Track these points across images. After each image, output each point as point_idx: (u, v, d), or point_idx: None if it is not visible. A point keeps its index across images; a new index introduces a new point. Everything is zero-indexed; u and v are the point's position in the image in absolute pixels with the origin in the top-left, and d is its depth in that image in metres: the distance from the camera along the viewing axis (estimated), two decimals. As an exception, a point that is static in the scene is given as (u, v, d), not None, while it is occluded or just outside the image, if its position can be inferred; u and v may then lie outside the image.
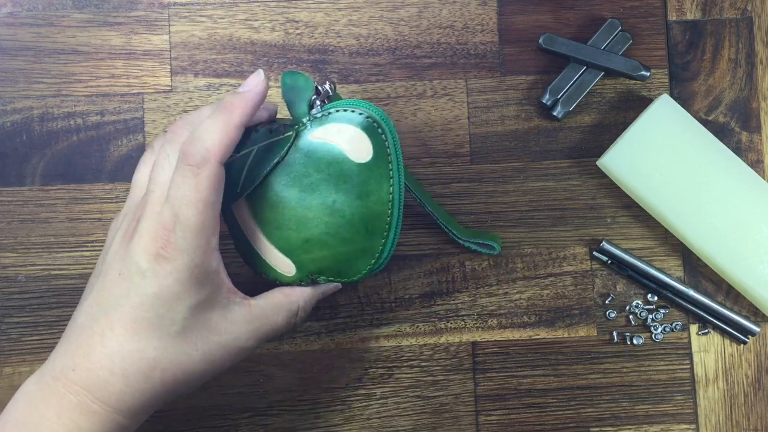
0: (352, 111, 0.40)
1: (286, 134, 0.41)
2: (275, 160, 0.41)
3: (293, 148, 0.41)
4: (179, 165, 0.37)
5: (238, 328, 0.40)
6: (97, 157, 0.51)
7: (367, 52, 0.52)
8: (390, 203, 0.41)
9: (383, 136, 0.41)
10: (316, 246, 0.41)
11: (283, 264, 0.42)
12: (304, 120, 0.41)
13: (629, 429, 0.51)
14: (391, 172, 0.41)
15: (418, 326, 0.51)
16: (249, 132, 0.41)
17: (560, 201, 0.51)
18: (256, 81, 0.39)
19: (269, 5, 0.52)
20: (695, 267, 0.51)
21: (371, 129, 0.40)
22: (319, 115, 0.41)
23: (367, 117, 0.40)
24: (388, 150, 0.41)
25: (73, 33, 0.51)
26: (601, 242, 0.51)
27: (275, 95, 0.51)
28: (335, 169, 0.40)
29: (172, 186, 0.37)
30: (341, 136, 0.40)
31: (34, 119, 0.51)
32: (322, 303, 0.50)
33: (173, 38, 0.51)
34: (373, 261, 0.42)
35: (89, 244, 0.50)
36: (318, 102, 0.41)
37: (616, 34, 0.51)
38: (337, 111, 0.40)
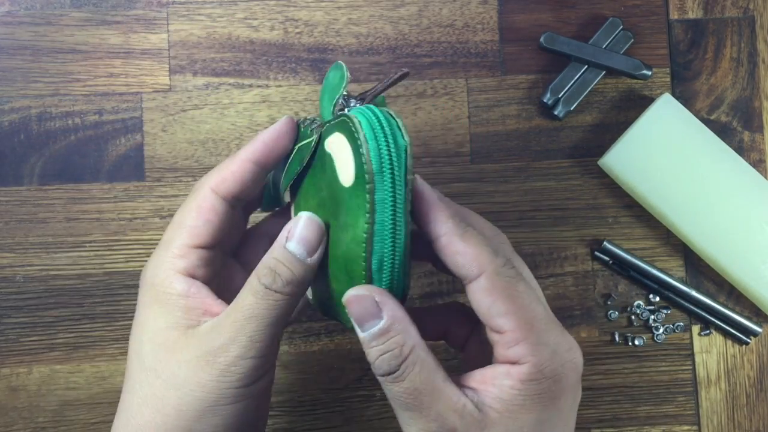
0: (362, 114, 0.31)
1: (312, 138, 0.34)
2: (299, 167, 0.35)
3: (316, 155, 0.34)
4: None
5: None
6: (96, 156, 0.50)
7: (367, 51, 0.51)
8: (364, 245, 0.31)
9: (362, 150, 0.30)
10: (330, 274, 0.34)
11: None
12: (326, 124, 0.34)
13: (631, 430, 0.50)
14: (368, 204, 0.30)
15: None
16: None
17: (561, 201, 0.51)
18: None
19: (268, 4, 0.51)
20: (697, 267, 0.51)
21: (354, 142, 0.31)
22: (336, 119, 0.33)
23: (352, 123, 0.31)
24: (367, 173, 0.30)
25: (71, 32, 0.51)
26: (603, 242, 0.50)
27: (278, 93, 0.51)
28: (331, 190, 0.33)
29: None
30: (338, 148, 0.32)
31: (32, 119, 0.50)
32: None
33: (172, 37, 0.51)
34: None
35: (87, 244, 0.50)
36: (354, 102, 0.34)
37: (618, 33, 0.51)
38: (349, 114, 0.32)
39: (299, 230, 0.33)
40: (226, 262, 0.38)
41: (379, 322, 0.31)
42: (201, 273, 0.35)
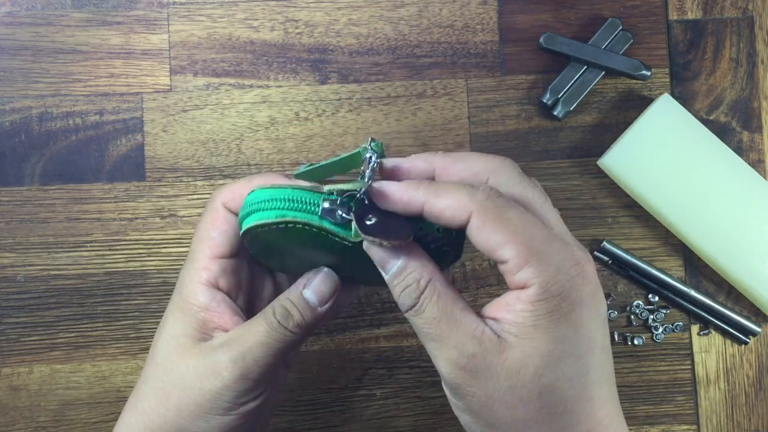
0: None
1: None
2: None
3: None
4: None
5: None
6: (96, 156, 0.51)
7: (367, 51, 0.52)
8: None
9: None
10: None
11: None
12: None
13: (630, 430, 0.50)
14: None
15: (418, 326, 0.50)
16: None
17: (561, 201, 0.51)
18: None
19: (269, 4, 0.51)
20: (696, 267, 0.51)
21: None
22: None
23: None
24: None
25: (72, 32, 0.51)
26: (602, 242, 0.50)
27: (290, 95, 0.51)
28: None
29: None
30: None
31: (33, 119, 0.51)
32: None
33: (172, 37, 0.51)
34: None
35: (88, 244, 0.50)
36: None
37: (617, 34, 0.51)
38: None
39: (316, 282, 0.38)
40: (255, 272, 0.41)
41: (397, 262, 0.34)
42: (224, 282, 0.39)
